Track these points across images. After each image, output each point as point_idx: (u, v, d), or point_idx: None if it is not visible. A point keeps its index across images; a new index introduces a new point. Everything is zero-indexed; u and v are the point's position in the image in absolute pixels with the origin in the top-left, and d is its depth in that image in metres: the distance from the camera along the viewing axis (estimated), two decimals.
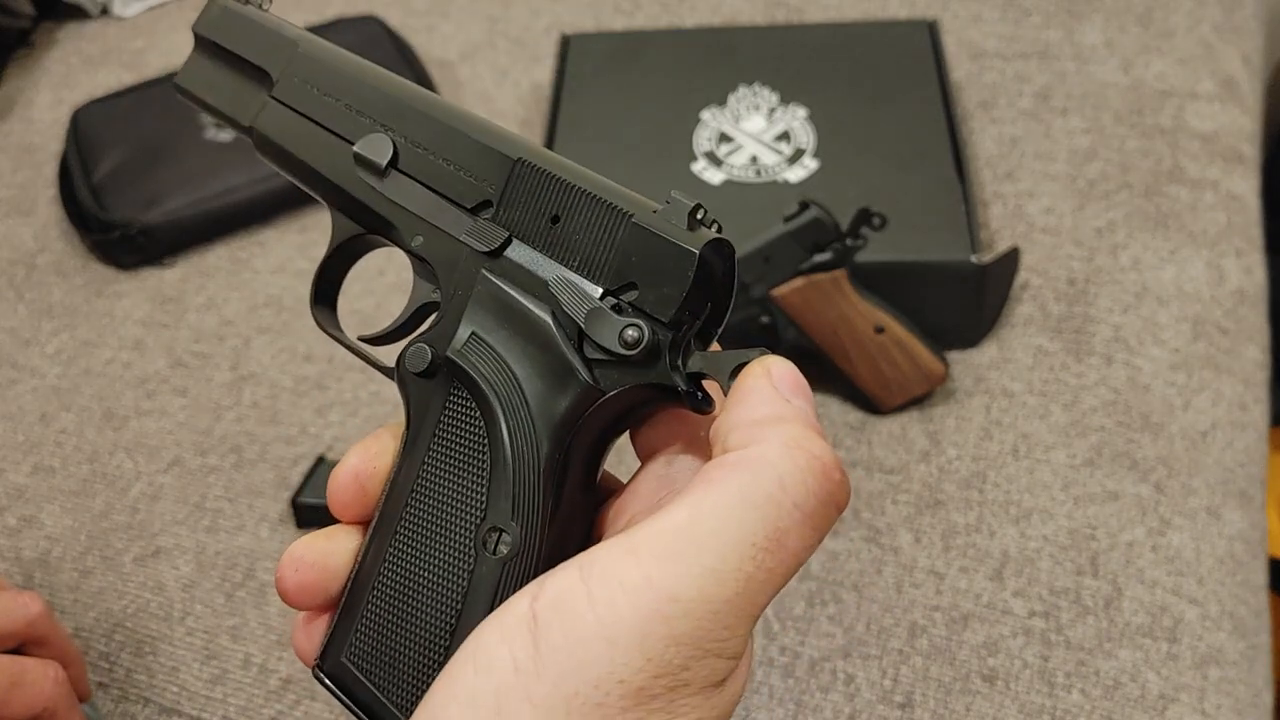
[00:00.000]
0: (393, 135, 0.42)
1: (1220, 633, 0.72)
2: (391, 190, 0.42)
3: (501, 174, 0.40)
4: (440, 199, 0.41)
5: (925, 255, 0.83)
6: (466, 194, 0.40)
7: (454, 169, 0.41)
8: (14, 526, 0.80)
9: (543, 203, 0.39)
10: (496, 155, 0.40)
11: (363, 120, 0.43)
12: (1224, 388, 0.84)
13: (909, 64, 0.98)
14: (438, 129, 0.41)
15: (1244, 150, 1.01)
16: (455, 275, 0.40)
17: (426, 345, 0.39)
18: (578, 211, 0.38)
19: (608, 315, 0.37)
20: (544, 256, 0.39)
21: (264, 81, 0.45)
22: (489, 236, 0.39)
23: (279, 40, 0.45)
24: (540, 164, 0.39)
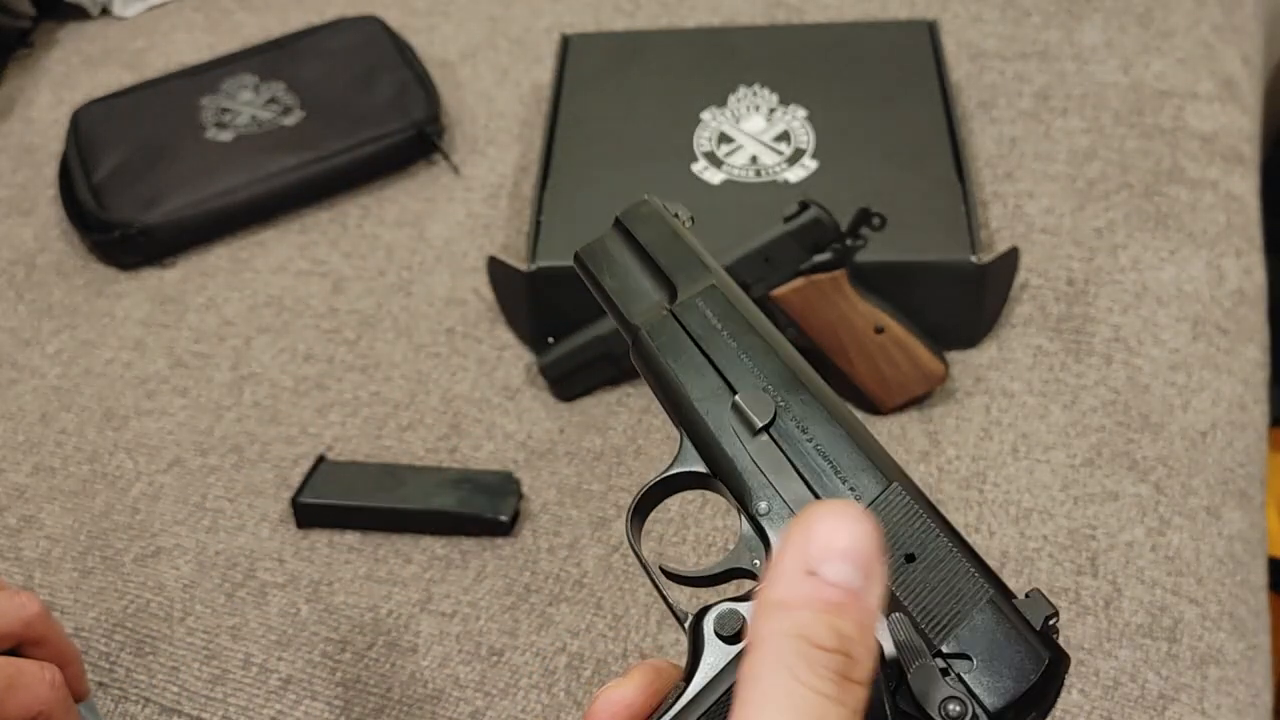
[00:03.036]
0: (777, 403, 0.42)
1: (1220, 633, 0.72)
2: (757, 452, 0.42)
3: (871, 490, 0.40)
4: (802, 483, 0.41)
5: (925, 255, 0.83)
6: (828, 491, 0.40)
7: (826, 461, 0.41)
8: (14, 526, 0.80)
9: (903, 536, 0.39)
10: (873, 471, 0.40)
11: (753, 375, 0.43)
12: (1223, 388, 0.84)
13: (909, 64, 0.98)
14: (822, 418, 0.42)
15: (1244, 150, 1.01)
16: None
17: (741, 614, 0.39)
18: (935, 562, 0.38)
19: (937, 677, 0.36)
20: (887, 589, 0.38)
21: (665, 292, 0.46)
22: None
23: (695, 262, 0.46)
24: (912, 499, 0.39)
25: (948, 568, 0.38)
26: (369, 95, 1.05)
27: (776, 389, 0.42)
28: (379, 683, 0.71)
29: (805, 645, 0.31)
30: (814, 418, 0.42)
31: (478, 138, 1.05)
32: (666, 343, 0.45)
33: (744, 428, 0.42)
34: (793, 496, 0.41)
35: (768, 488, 0.41)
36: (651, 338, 0.45)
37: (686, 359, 0.44)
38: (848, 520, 0.32)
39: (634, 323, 0.46)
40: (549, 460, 0.81)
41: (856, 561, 0.32)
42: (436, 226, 0.98)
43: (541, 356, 0.84)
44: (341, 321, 0.92)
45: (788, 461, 0.41)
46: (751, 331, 0.44)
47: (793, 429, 0.42)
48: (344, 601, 0.74)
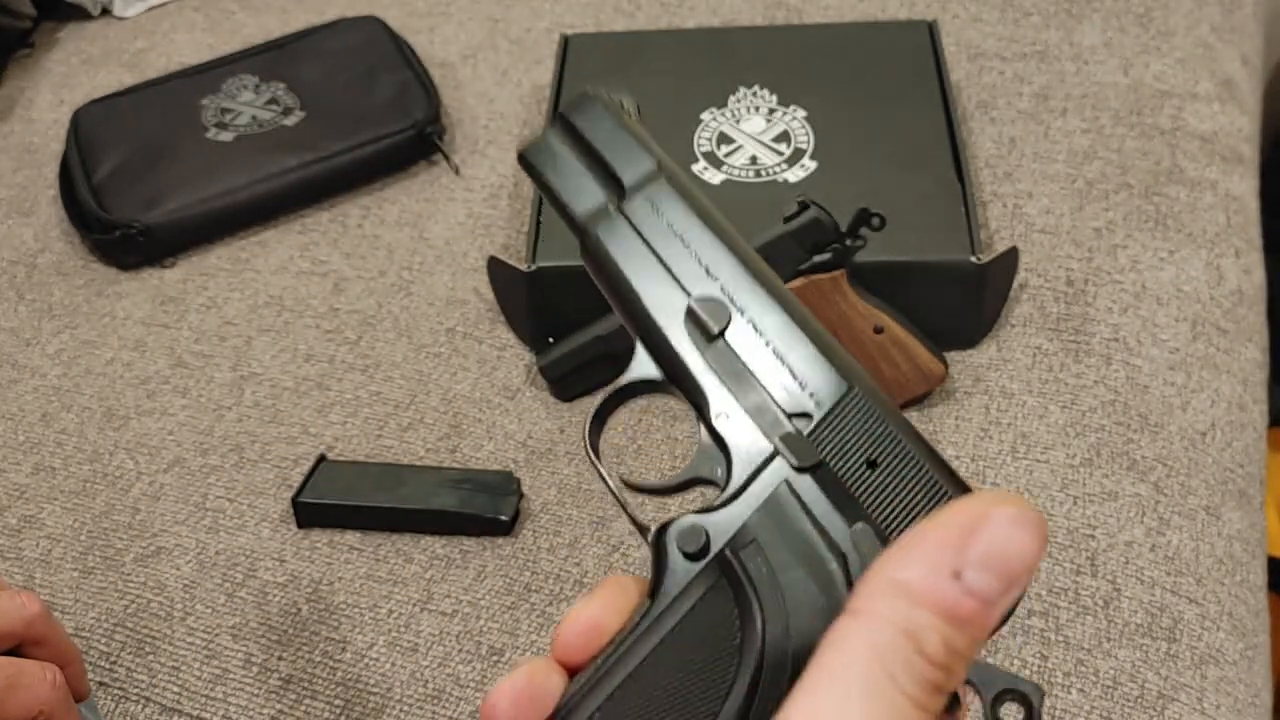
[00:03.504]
0: (732, 306, 0.41)
1: (1219, 632, 0.72)
2: (714, 358, 0.41)
3: (830, 394, 0.39)
4: (760, 390, 0.40)
5: (924, 255, 0.83)
6: (787, 397, 0.40)
7: (784, 366, 0.40)
8: (15, 526, 0.80)
9: (864, 443, 0.38)
10: (833, 375, 0.39)
11: (706, 277, 0.42)
12: (1223, 388, 0.84)
13: (908, 64, 0.98)
14: (779, 320, 0.40)
15: (1243, 151, 1.01)
16: (751, 472, 0.39)
17: (704, 528, 0.38)
18: (897, 467, 0.38)
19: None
20: (849, 496, 0.38)
21: (614, 190, 0.44)
22: (804, 453, 0.38)
23: (642, 156, 0.44)
24: (874, 404, 0.39)
25: (910, 474, 0.37)
26: (369, 95, 1.05)
27: (731, 291, 0.41)
28: (379, 683, 0.71)
29: (913, 650, 0.29)
30: (770, 321, 0.41)
31: (478, 138, 1.05)
32: (617, 244, 0.43)
33: (699, 333, 0.41)
34: (751, 403, 0.40)
35: (725, 395, 0.40)
36: (601, 239, 0.44)
37: (638, 261, 0.43)
38: (1025, 530, 0.30)
39: (582, 223, 0.44)
40: (549, 460, 0.81)
41: (1008, 577, 0.30)
42: (437, 226, 0.98)
43: (541, 356, 0.84)
44: (342, 321, 0.92)
45: (745, 367, 0.40)
46: (704, 229, 0.42)
47: (749, 333, 0.40)
48: (344, 601, 0.74)
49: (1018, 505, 0.30)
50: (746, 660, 0.36)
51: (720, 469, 0.40)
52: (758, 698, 0.35)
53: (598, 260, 0.44)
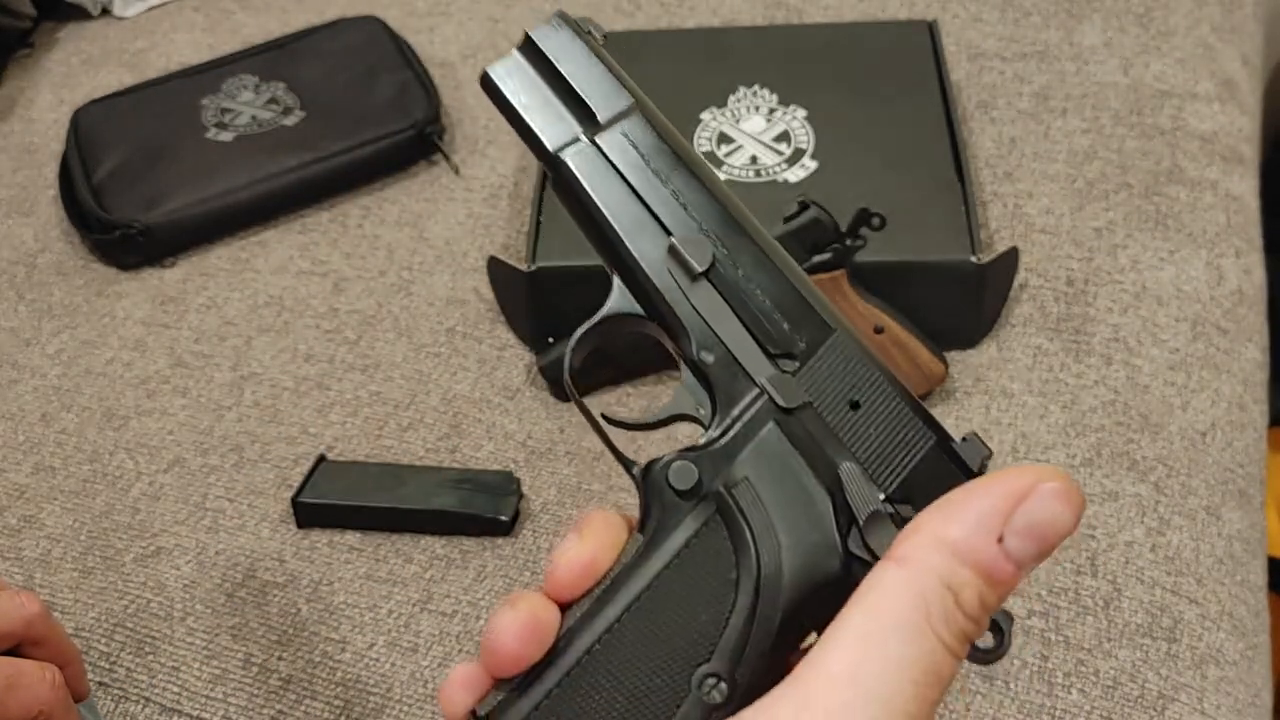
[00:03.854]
0: (716, 245, 0.41)
1: (1219, 632, 0.72)
2: (697, 298, 0.40)
3: (815, 337, 0.40)
4: (745, 330, 0.40)
5: (925, 255, 0.83)
6: (772, 338, 0.40)
7: (769, 307, 0.40)
8: (14, 526, 0.80)
9: (847, 383, 0.39)
10: (816, 317, 0.40)
11: (686, 216, 0.41)
12: (1223, 388, 0.84)
13: (909, 64, 0.98)
14: (762, 261, 0.41)
15: (1243, 151, 1.01)
16: (737, 410, 0.39)
17: (694, 466, 0.39)
18: (879, 409, 0.39)
19: (887, 524, 0.37)
20: (834, 436, 0.38)
21: (586, 120, 0.43)
22: (790, 394, 0.39)
23: (615, 89, 0.43)
24: (856, 346, 0.39)
25: (891, 415, 0.39)
26: (369, 95, 1.05)
27: (714, 232, 0.41)
28: (379, 683, 0.71)
29: (952, 602, 0.32)
30: (755, 262, 0.41)
31: (478, 138, 1.05)
32: (591, 176, 0.42)
33: (683, 272, 0.41)
34: (736, 343, 0.40)
35: (710, 336, 0.40)
36: (575, 170, 0.42)
37: (616, 197, 0.42)
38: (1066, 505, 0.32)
39: (553, 152, 0.42)
40: (549, 460, 0.81)
41: (1044, 546, 0.32)
42: (437, 226, 0.98)
43: (541, 356, 0.84)
44: (342, 321, 0.92)
45: (730, 308, 0.40)
46: (682, 168, 0.42)
47: (734, 273, 0.40)
48: (344, 601, 0.74)
49: (1063, 480, 0.32)
50: (743, 593, 0.37)
51: (704, 407, 0.40)
52: (754, 630, 0.36)
53: (572, 192, 0.42)
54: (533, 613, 0.36)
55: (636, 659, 0.37)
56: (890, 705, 0.30)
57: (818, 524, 0.37)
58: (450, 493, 0.78)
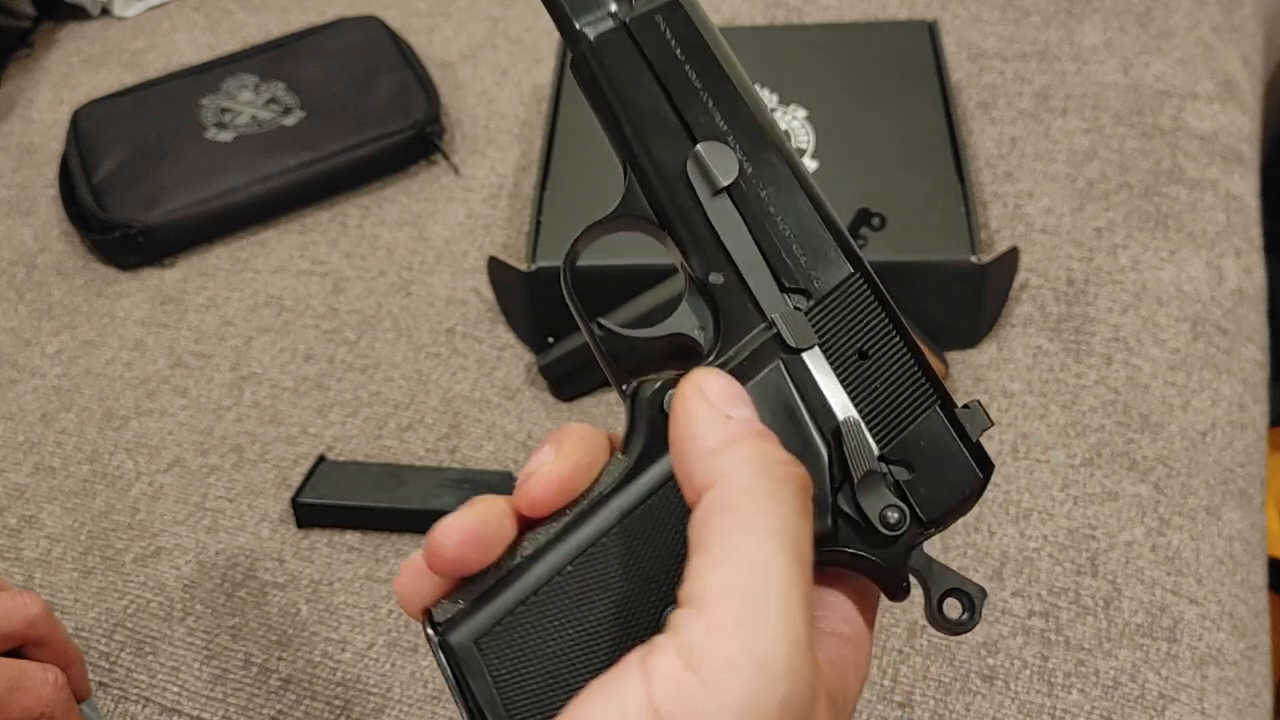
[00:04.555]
0: (743, 161, 0.37)
1: (1219, 633, 0.72)
2: (715, 213, 0.37)
3: (831, 276, 0.37)
4: (761, 257, 0.37)
5: (925, 255, 0.83)
6: (789, 270, 0.37)
7: (789, 236, 0.37)
8: (14, 526, 0.80)
9: (858, 331, 0.37)
10: (836, 256, 0.37)
11: (715, 123, 0.38)
12: (1223, 388, 0.84)
13: (909, 64, 0.98)
14: (790, 186, 0.37)
15: (1243, 150, 1.01)
16: (742, 342, 0.37)
17: None
18: (887, 362, 0.37)
19: (881, 485, 0.36)
20: (838, 385, 0.36)
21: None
22: (801, 333, 0.37)
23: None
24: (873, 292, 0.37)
25: (899, 369, 0.37)
26: (369, 95, 1.05)
27: (742, 144, 0.37)
28: (379, 683, 0.71)
29: (770, 467, 0.32)
30: (781, 184, 0.37)
31: (478, 138, 1.05)
32: (616, 63, 0.38)
33: (704, 183, 0.37)
34: (749, 269, 0.37)
35: (722, 257, 0.37)
36: (597, 53, 0.38)
37: (640, 88, 0.38)
38: (717, 371, 0.34)
39: (578, 27, 0.39)
40: None
41: (743, 398, 0.34)
42: (436, 226, 0.98)
43: (541, 356, 0.84)
44: (341, 321, 0.92)
45: (748, 230, 0.37)
46: (718, 68, 0.38)
47: (757, 193, 0.37)
48: (344, 601, 0.74)
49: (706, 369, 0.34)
50: None
51: (705, 331, 0.38)
52: None
53: (589, 76, 0.39)
54: (483, 520, 0.35)
55: (607, 588, 0.35)
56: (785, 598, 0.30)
57: (815, 471, 0.35)
58: (450, 493, 0.78)
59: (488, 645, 0.34)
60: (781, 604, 0.30)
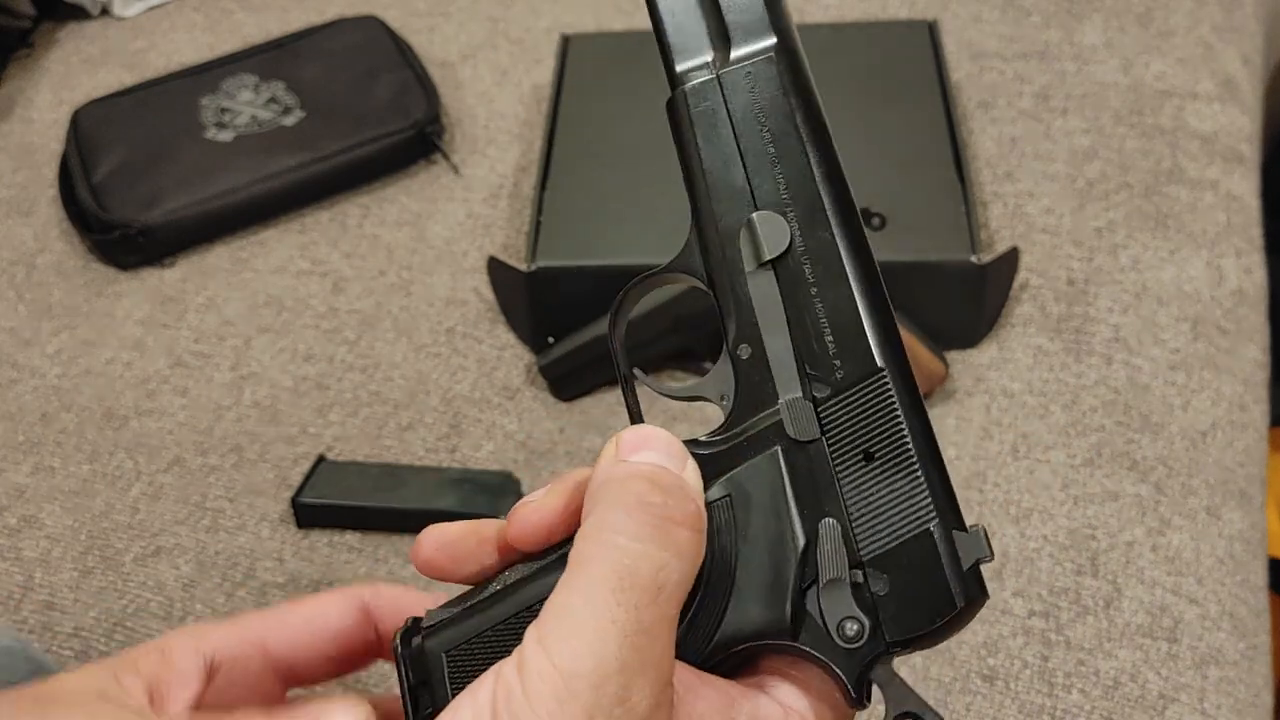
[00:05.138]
0: (795, 236, 0.37)
1: (1220, 633, 0.72)
2: (756, 285, 0.37)
3: (857, 371, 0.36)
4: (789, 338, 0.37)
5: (925, 255, 0.83)
6: (813, 356, 0.36)
7: (823, 321, 0.37)
8: (14, 526, 0.80)
9: (870, 432, 0.36)
10: (867, 350, 0.36)
11: (779, 191, 0.37)
12: (1224, 388, 0.84)
13: (909, 64, 0.98)
14: (837, 270, 0.37)
15: (1243, 150, 1.01)
16: (752, 420, 0.36)
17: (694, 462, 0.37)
18: (892, 468, 0.35)
19: (845, 593, 0.35)
20: (834, 482, 0.35)
21: (721, 46, 0.39)
22: (804, 424, 0.36)
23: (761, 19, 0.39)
24: (895, 393, 0.36)
25: (902, 479, 0.35)
26: (369, 95, 1.05)
27: (800, 218, 0.37)
28: (379, 683, 0.71)
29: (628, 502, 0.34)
30: (829, 266, 0.37)
31: (478, 138, 1.05)
32: (702, 115, 0.38)
33: (751, 253, 0.37)
34: (775, 350, 0.37)
35: (753, 330, 0.37)
36: (689, 101, 0.38)
37: (718, 143, 0.38)
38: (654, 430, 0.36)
39: (676, 72, 0.39)
40: (549, 460, 0.81)
41: (666, 450, 0.35)
42: (436, 226, 0.98)
43: (541, 356, 0.84)
44: (341, 321, 0.91)
45: (783, 308, 0.37)
46: (795, 134, 0.38)
47: (802, 272, 0.37)
48: None
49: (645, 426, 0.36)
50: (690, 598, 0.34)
51: (726, 401, 0.37)
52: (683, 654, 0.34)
53: (677, 124, 0.39)
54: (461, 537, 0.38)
55: None
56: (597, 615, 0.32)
57: (779, 569, 0.35)
58: (450, 493, 0.78)
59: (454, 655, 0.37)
60: (595, 625, 0.32)
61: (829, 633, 0.35)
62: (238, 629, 0.39)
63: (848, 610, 0.35)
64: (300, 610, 0.41)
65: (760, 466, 0.36)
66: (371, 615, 0.41)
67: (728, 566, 0.35)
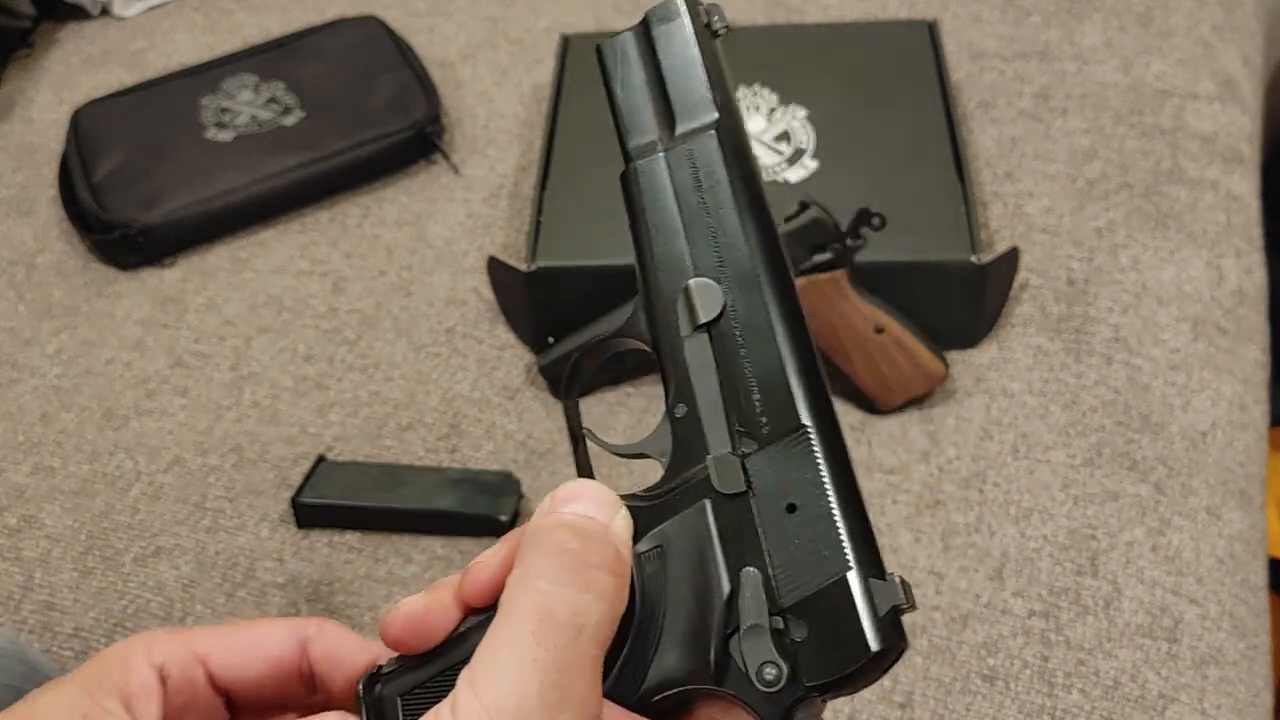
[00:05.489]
0: (728, 302, 0.39)
1: (1220, 633, 0.72)
2: (691, 348, 0.39)
3: (781, 426, 0.38)
4: (720, 397, 0.38)
5: (925, 255, 0.83)
6: (741, 413, 0.38)
7: (750, 381, 0.38)
8: (14, 526, 0.80)
9: (794, 484, 0.37)
10: (791, 406, 0.38)
11: (716, 262, 0.39)
12: (1224, 388, 0.84)
13: (909, 64, 0.98)
14: (765, 331, 0.38)
15: (1243, 150, 1.01)
16: (685, 475, 0.38)
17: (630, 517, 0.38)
18: (812, 519, 0.37)
19: (765, 639, 0.36)
20: (757, 533, 0.37)
21: (666, 126, 0.42)
22: (729, 478, 0.38)
23: (704, 99, 0.42)
24: (819, 447, 0.37)
25: (821, 529, 0.36)
26: (369, 95, 1.05)
27: (734, 284, 0.39)
28: None
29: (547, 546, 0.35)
30: (758, 328, 0.38)
31: (478, 138, 1.05)
32: (650, 186, 0.41)
33: (687, 317, 0.39)
34: (706, 407, 0.38)
35: (688, 390, 0.39)
36: (639, 175, 0.41)
37: (661, 215, 0.40)
38: (589, 484, 0.38)
39: (627, 149, 0.42)
40: (549, 460, 0.81)
41: (598, 501, 0.37)
42: (436, 226, 0.98)
43: (541, 356, 0.84)
44: (341, 321, 0.91)
45: (715, 369, 0.39)
46: (732, 207, 0.40)
47: (733, 334, 0.39)
48: (344, 601, 0.74)
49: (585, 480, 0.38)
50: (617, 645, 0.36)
51: (666, 457, 0.39)
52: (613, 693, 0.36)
53: (628, 196, 0.42)
54: (427, 612, 0.39)
55: None
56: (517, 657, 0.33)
57: (703, 615, 0.36)
58: (450, 493, 0.78)
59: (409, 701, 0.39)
60: (518, 665, 0.33)
61: (750, 677, 0.36)
62: (183, 641, 0.40)
63: (767, 655, 0.36)
64: (245, 632, 0.41)
65: (689, 519, 0.38)
66: (308, 651, 0.41)
67: (656, 614, 0.37)
